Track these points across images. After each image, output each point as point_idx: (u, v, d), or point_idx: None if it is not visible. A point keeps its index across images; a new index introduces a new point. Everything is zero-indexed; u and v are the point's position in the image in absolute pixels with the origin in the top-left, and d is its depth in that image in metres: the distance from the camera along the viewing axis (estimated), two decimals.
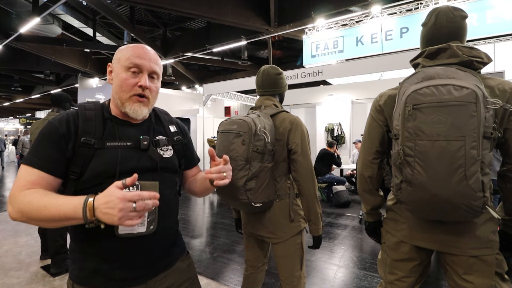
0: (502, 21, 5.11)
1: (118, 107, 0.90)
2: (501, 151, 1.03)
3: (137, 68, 0.88)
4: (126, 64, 0.87)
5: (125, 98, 0.88)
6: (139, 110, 0.89)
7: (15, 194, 0.75)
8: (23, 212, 0.73)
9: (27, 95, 17.88)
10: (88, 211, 0.69)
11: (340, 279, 2.68)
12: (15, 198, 0.75)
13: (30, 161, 0.79)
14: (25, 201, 0.73)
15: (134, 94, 0.88)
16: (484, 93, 0.89)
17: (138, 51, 0.89)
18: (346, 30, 6.89)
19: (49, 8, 6.17)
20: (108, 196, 0.68)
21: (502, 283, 1.06)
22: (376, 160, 1.23)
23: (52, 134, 0.82)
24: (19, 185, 0.77)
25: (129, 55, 0.88)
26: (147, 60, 0.89)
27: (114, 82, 0.90)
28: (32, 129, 2.89)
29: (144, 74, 0.89)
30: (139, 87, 0.88)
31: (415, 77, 1.03)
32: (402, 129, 0.98)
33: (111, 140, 0.86)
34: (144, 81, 0.88)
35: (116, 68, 0.90)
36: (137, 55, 0.88)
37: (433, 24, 1.10)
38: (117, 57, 0.91)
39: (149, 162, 0.89)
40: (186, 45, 9.84)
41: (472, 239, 1.03)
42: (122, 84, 0.87)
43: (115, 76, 0.89)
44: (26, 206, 0.73)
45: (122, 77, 0.87)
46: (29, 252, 3.17)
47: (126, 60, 0.87)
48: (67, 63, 11.19)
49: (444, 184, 0.90)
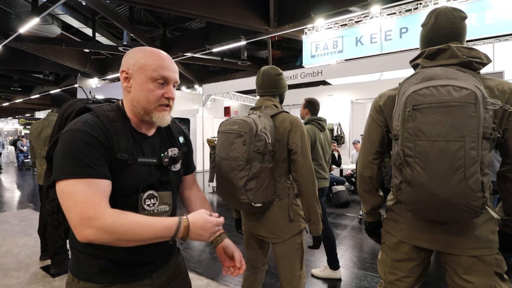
0: (501, 21, 5.12)
1: (139, 115, 0.88)
2: (501, 151, 1.03)
3: (163, 80, 0.87)
4: (153, 76, 0.85)
5: (150, 109, 0.87)
6: (166, 117, 0.90)
7: (97, 215, 0.70)
8: (114, 232, 0.70)
9: (26, 95, 17.86)
10: (182, 232, 0.78)
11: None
12: (98, 219, 0.69)
13: (84, 172, 0.72)
14: (117, 222, 0.70)
15: (160, 104, 0.87)
16: (483, 93, 0.89)
17: (165, 63, 0.87)
18: (345, 30, 6.89)
19: (48, 8, 6.17)
20: (204, 221, 0.82)
21: (502, 283, 1.07)
22: (376, 161, 1.23)
23: (92, 141, 0.76)
24: (93, 203, 0.71)
25: (155, 66, 0.85)
26: (173, 72, 0.89)
27: (136, 91, 0.86)
28: (32, 130, 2.89)
29: (170, 85, 0.89)
30: (165, 98, 0.88)
31: (414, 77, 1.03)
32: (402, 130, 0.98)
33: (141, 156, 0.87)
34: (172, 93, 0.89)
35: (138, 77, 0.85)
36: (164, 67, 0.86)
37: (432, 24, 1.10)
38: (138, 65, 0.85)
39: (165, 177, 0.94)
40: (185, 45, 9.83)
41: (472, 239, 1.03)
42: (148, 95, 0.85)
43: (139, 85, 0.86)
44: (119, 227, 0.70)
45: (149, 88, 0.85)
46: (28, 253, 3.17)
47: (153, 71, 0.85)
48: (66, 63, 11.18)
49: (444, 185, 0.91)
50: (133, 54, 0.88)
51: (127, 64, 0.87)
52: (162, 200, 0.90)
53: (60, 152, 0.75)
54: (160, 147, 0.95)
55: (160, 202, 0.90)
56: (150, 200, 0.87)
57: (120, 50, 9.66)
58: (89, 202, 0.70)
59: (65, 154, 0.74)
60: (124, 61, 0.88)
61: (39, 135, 2.78)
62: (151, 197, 0.88)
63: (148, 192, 0.87)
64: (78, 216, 0.69)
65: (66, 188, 0.72)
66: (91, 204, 0.70)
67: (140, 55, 0.86)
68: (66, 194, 0.71)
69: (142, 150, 0.88)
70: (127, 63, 0.87)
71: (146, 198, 0.86)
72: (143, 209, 0.86)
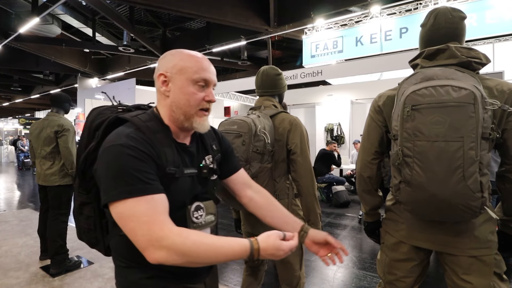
0: (501, 21, 5.12)
1: (178, 122, 0.83)
2: (500, 151, 1.03)
3: (204, 82, 0.83)
4: (194, 78, 0.81)
5: (191, 113, 0.83)
6: (206, 123, 0.86)
7: (165, 233, 0.66)
8: (185, 255, 0.67)
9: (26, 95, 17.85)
10: (255, 253, 0.75)
11: (339, 279, 2.68)
12: (168, 238, 0.66)
13: (142, 190, 0.68)
14: (188, 243, 0.67)
15: (201, 109, 0.84)
16: (482, 94, 0.89)
17: (204, 64, 0.84)
18: (345, 30, 6.89)
19: (48, 8, 6.17)
20: (275, 249, 0.77)
21: (501, 283, 1.07)
22: (375, 161, 1.23)
23: (142, 155, 0.72)
24: (158, 222, 0.67)
25: (196, 68, 0.82)
26: (212, 73, 0.86)
27: (176, 95, 0.82)
28: (31, 130, 2.89)
29: (210, 88, 0.86)
30: (206, 101, 0.84)
31: (413, 78, 1.03)
32: (400, 130, 0.98)
33: (186, 168, 0.83)
34: (212, 95, 0.85)
35: (178, 80, 0.81)
36: (204, 69, 0.83)
37: (431, 25, 1.10)
38: (178, 67, 0.82)
39: (206, 186, 0.91)
40: (185, 45, 9.78)
41: (471, 240, 1.03)
42: (190, 98, 0.81)
43: (179, 89, 0.81)
44: (191, 248, 0.67)
45: (190, 91, 0.81)
46: (28, 253, 3.17)
47: (194, 73, 0.81)
48: (66, 63, 11.18)
49: (443, 185, 0.91)
50: (170, 57, 0.84)
51: (165, 67, 0.82)
52: (208, 210, 0.88)
53: (109, 171, 0.69)
54: (198, 156, 0.91)
55: (206, 213, 0.87)
56: (197, 212, 0.85)
57: (120, 50, 9.66)
58: (153, 221, 0.66)
59: (116, 173, 0.68)
60: (160, 64, 0.84)
61: (38, 135, 2.78)
62: (198, 208, 0.85)
63: (195, 204, 0.84)
64: (145, 237, 0.65)
65: (125, 210, 0.67)
66: (157, 222, 0.66)
67: (179, 58, 0.83)
68: (127, 216, 0.66)
69: (185, 161, 0.85)
70: (165, 66, 0.83)
71: (193, 210, 0.83)
72: (192, 222, 0.82)
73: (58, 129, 2.73)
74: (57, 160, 2.77)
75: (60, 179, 2.75)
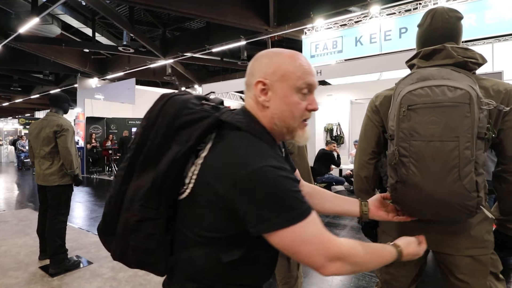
0: (501, 21, 5.12)
1: (279, 134, 0.74)
2: (496, 151, 1.03)
3: (308, 89, 0.72)
4: (298, 84, 0.70)
5: (294, 126, 0.72)
6: (307, 135, 0.76)
7: (339, 249, 0.65)
8: (357, 264, 0.68)
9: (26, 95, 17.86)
10: (399, 259, 0.79)
11: (338, 278, 2.68)
12: (341, 253, 0.65)
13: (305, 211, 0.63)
14: (359, 254, 0.68)
15: (303, 120, 0.74)
16: (478, 93, 0.89)
17: (308, 67, 0.72)
18: (345, 30, 6.89)
19: (48, 8, 6.18)
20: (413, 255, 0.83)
21: (497, 283, 1.07)
22: (372, 161, 1.23)
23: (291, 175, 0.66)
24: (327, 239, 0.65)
25: (300, 72, 0.70)
26: (315, 76, 0.74)
27: (277, 105, 0.71)
28: (31, 130, 2.90)
29: (313, 94, 0.74)
30: (309, 111, 0.73)
31: (410, 78, 1.04)
32: (397, 130, 0.99)
33: None
34: (316, 103, 0.74)
35: (280, 88, 0.70)
36: (308, 72, 0.71)
37: (428, 25, 1.10)
38: (279, 73, 0.70)
39: None
40: (185, 45, 9.83)
41: (467, 239, 1.04)
42: (294, 109, 0.71)
43: (281, 99, 0.70)
44: (361, 259, 0.69)
45: (294, 101, 0.70)
46: (27, 252, 3.18)
47: (298, 79, 0.70)
48: (66, 63, 11.19)
49: (439, 184, 0.91)
50: (268, 61, 0.72)
51: (263, 74, 0.71)
52: None
53: (268, 197, 0.61)
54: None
55: None
56: None
57: (119, 50, 9.67)
58: (325, 240, 0.64)
59: (277, 199, 0.61)
60: (256, 69, 0.73)
61: (38, 135, 2.79)
62: None
63: None
64: (322, 256, 0.64)
65: (296, 236, 0.62)
66: (328, 240, 0.65)
67: (279, 61, 0.71)
68: (300, 242, 0.62)
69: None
70: (264, 72, 0.71)
71: None
72: None
73: (57, 129, 2.73)
74: (56, 160, 2.77)
75: (59, 179, 2.76)
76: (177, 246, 0.73)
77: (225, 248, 0.68)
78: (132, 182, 0.70)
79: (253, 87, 0.72)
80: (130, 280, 2.58)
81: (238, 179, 0.61)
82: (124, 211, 0.70)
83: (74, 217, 4.72)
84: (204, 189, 0.65)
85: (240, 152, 0.64)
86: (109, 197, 0.73)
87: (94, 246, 3.39)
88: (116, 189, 0.72)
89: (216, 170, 0.63)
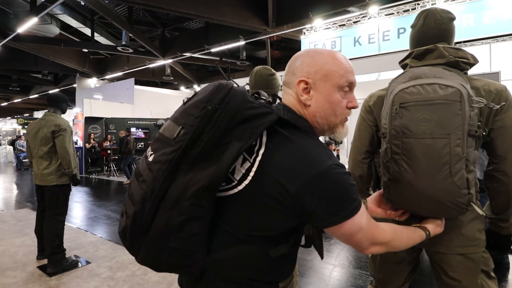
0: (499, 22, 5.14)
1: (319, 131, 0.76)
2: (487, 150, 1.04)
3: (349, 87, 0.74)
4: (341, 83, 0.71)
5: (336, 123, 0.74)
6: (346, 131, 0.78)
7: (383, 236, 0.74)
8: (394, 247, 0.78)
9: (25, 95, 17.86)
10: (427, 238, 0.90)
11: (335, 278, 2.69)
12: (385, 239, 0.74)
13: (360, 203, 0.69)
14: (397, 238, 0.78)
15: (344, 117, 0.76)
16: (469, 92, 0.90)
17: (349, 66, 0.74)
18: (343, 31, 6.91)
19: (47, 8, 6.18)
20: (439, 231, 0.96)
21: (489, 281, 1.08)
22: (366, 160, 1.24)
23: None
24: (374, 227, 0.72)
25: (342, 71, 0.72)
26: (354, 74, 0.75)
27: (320, 104, 0.72)
28: (29, 130, 2.90)
29: (352, 93, 0.76)
30: (349, 108, 0.75)
31: (402, 76, 1.05)
32: (389, 128, 1.00)
33: None
34: (356, 101, 0.75)
35: (323, 87, 0.71)
36: (349, 70, 0.73)
37: (421, 25, 1.11)
38: (322, 72, 0.71)
39: None
40: (184, 45, 9.85)
41: (459, 238, 1.05)
42: (336, 108, 0.72)
43: (323, 97, 0.71)
44: (399, 242, 0.79)
45: (336, 99, 0.72)
46: (25, 252, 3.18)
47: (341, 77, 0.71)
48: (65, 63, 11.20)
49: (430, 181, 0.92)
50: (310, 60, 0.72)
51: (305, 73, 0.71)
52: None
53: (337, 193, 0.64)
54: None
55: None
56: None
57: (118, 50, 9.67)
58: (372, 229, 0.71)
59: (343, 193, 0.65)
60: (297, 68, 0.73)
61: (35, 134, 2.79)
62: None
63: None
64: (368, 242, 0.71)
65: (355, 225, 0.67)
66: (374, 228, 0.72)
67: (321, 60, 0.71)
68: (357, 230, 0.68)
69: None
70: (305, 71, 0.72)
71: None
72: None
73: (55, 129, 2.73)
74: (54, 160, 2.78)
75: (57, 178, 2.76)
76: (215, 244, 0.69)
77: (272, 245, 0.69)
78: (179, 178, 0.63)
79: (295, 86, 0.73)
80: (128, 279, 2.59)
81: (310, 178, 0.62)
82: (165, 210, 0.63)
83: (72, 217, 4.72)
84: (268, 187, 0.64)
85: (309, 151, 0.65)
86: (143, 194, 0.64)
87: (92, 246, 3.39)
88: (155, 186, 0.63)
89: (286, 169, 0.63)
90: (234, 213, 0.68)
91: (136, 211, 0.64)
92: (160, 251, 0.64)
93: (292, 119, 0.70)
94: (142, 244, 0.66)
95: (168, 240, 0.63)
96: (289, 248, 0.72)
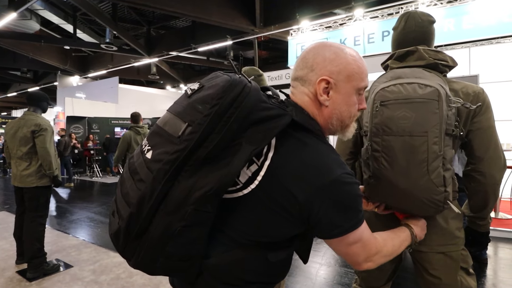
0: (477, 27, 5.33)
1: (330, 131, 0.74)
2: (465, 151, 1.08)
3: (364, 90, 0.73)
4: (360, 86, 0.70)
5: (348, 124, 0.73)
6: (353, 130, 0.77)
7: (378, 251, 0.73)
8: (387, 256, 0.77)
9: (2, 93, 17.14)
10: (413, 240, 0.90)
11: (322, 276, 2.73)
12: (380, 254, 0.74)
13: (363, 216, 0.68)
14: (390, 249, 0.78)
15: (355, 118, 0.76)
16: (447, 92, 0.93)
17: (366, 68, 0.72)
18: (330, 32, 7.00)
19: (26, 3, 5.96)
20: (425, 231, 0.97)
21: (468, 277, 1.12)
22: (350, 161, 1.27)
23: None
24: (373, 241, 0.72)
25: (363, 74, 0.70)
26: None
27: (338, 105, 0.69)
28: (7, 129, 2.79)
29: (363, 95, 0.74)
30: (358, 110, 0.75)
31: (384, 76, 1.08)
32: (370, 125, 1.02)
33: None
34: (365, 102, 0.75)
35: (343, 88, 0.68)
36: (367, 74, 0.72)
37: (402, 28, 1.14)
38: (345, 73, 0.68)
39: None
40: (170, 44, 9.73)
41: (439, 236, 1.08)
42: (352, 109, 0.71)
43: (343, 99, 0.69)
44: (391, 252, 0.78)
45: (353, 101, 0.71)
46: (4, 257, 3.06)
47: (361, 81, 0.70)
48: (45, 60, 10.83)
49: (408, 178, 0.95)
50: (334, 57, 0.68)
51: (328, 71, 0.67)
52: None
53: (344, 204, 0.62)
54: None
55: None
56: None
57: (102, 48, 9.44)
58: (370, 242, 0.70)
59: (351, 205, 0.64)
60: (318, 65, 0.68)
61: (14, 134, 2.69)
62: None
63: None
64: (363, 256, 0.70)
65: (354, 237, 0.66)
66: (372, 242, 0.71)
67: (345, 61, 0.68)
68: (352, 243, 0.67)
69: None
70: (328, 69, 0.67)
71: None
72: None
73: (35, 129, 2.64)
74: (34, 161, 2.68)
75: (37, 180, 2.67)
76: (214, 248, 0.66)
77: (273, 250, 0.68)
78: (182, 181, 0.58)
79: (315, 84, 0.68)
80: (113, 283, 2.53)
81: (321, 187, 0.59)
82: (165, 214, 0.58)
83: (53, 220, 4.57)
84: (276, 193, 0.61)
85: (321, 158, 0.62)
86: (141, 195, 0.59)
87: (75, 249, 3.30)
88: (155, 188, 0.58)
89: (296, 175, 0.60)
90: (236, 217, 0.65)
91: (132, 213, 0.59)
92: (156, 256, 0.60)
93: (304, 121, 0.65)
94: (136, 248, 0.61)
95: (166, 245, 0.59)
96: (288, 252, 0.72)
